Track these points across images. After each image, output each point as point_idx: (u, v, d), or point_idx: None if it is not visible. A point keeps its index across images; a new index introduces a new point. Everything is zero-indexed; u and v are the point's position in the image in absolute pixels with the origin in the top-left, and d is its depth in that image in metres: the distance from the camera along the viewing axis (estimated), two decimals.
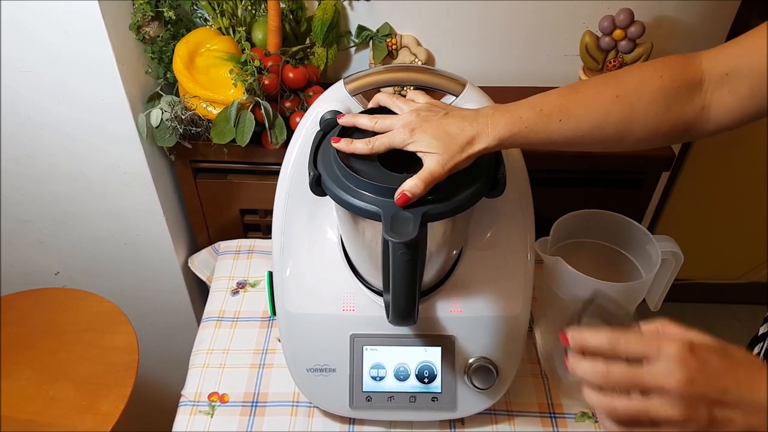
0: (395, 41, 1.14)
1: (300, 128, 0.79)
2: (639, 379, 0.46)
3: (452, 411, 0.84)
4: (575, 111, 0.62)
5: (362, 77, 0.76)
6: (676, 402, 0.45)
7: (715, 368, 0.45)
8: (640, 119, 0.62)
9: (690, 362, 0.45)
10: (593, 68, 1.10)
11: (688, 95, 0.61)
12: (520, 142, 0.63)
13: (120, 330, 1.06)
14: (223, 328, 1.03)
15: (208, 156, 1.09)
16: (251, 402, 0.92)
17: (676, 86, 0.61)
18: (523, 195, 0.80)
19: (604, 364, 0.47)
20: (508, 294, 0.81)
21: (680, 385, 0.44)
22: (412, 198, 0.59)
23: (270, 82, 1.02)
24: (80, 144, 1.03)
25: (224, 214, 1.20)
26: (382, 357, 0.82)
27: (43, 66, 0.94)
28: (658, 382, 0.45)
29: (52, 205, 1.13)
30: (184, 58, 1.02)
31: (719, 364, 0.45)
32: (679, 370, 0.44)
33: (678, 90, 0.61)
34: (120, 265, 1.24)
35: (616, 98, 0.62)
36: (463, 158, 0.61)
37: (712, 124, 0.62)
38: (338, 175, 0.64)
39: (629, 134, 0.63)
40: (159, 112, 1.02)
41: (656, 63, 0.63)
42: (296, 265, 0.82)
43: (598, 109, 0.62)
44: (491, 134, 0.61)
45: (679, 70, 0.62)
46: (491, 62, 1.20)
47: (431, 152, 0.61)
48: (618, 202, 1.13)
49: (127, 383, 0.98)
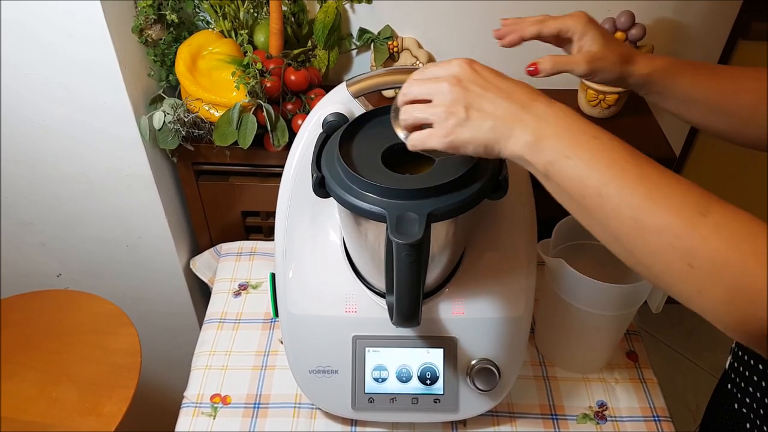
0: (396, 44, 1.14)
1: (302, 130, 0.79)
2: (428, 88, 0.55)
3: (454, 412, 0.84)
4: (721, 73, 0.66)
5: (365, 79, 0.76)
6: (443, 97, 0.54)
7: (485, 77, 0.55)
8: None
9: (465, 70, 0.54)
10: None
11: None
12: (666, 83, 0.65)
13: (122, 332, 1.06)
14: (225, 329, 1.03)
15: (210, 158, 1.09)
16: (253, 404, 0.92)
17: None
18: (525, 197, 0.80)
19: (410, 83, 0.57)
20: (510, 296, 0.81)
21: (450, 83, 0.54)
22: (541, 72, 0.65)
23: (272, 84, 1.02)
24: (83, 146, 1.04)
25: (226, 216, 1.20)
26: (385, 358, 0.82)
27: (46, 68, 0.94)
28: (439, 87, 0.54)
29: (54, 207, 1.14)
30: (187, 60, 1.03)
31: (491, 77, 0.55)
32: (454, 74, 0.54)
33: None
34: (122, 267, 1.24)
35: (755, 78, 0.64)
36: (613, 70, 0.65)
37: None
38: (342, 176, 0.64)
39: (760, 114, 0.64)
40: (161, 114, 1.02)
41: None
42: (299, 267, 0.82)
43: (740, 79, 0.65)
44: (646, 62, 0.65)
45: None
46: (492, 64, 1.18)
47: (589, 48, 0.66)
48: None
49: (129, 385, 0.98)
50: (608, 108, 1.12)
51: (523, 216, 0.81)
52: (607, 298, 0.84)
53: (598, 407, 0.92)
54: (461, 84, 0.54)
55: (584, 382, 0.95)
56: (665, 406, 0.91)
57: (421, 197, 0.61)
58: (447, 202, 0.61)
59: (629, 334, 1.01)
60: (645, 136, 1.12)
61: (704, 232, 0.44)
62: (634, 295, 0.85)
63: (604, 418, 0.90)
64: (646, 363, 0.98)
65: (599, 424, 0.90)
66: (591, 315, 0.86)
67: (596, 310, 0.86)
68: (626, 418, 0.90)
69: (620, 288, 0.82)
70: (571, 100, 1.18)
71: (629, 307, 0.87)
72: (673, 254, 0.45)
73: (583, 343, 0.93)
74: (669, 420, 0.90)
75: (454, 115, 0.53)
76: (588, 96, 1.12)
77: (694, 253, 0.44)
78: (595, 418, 0.90)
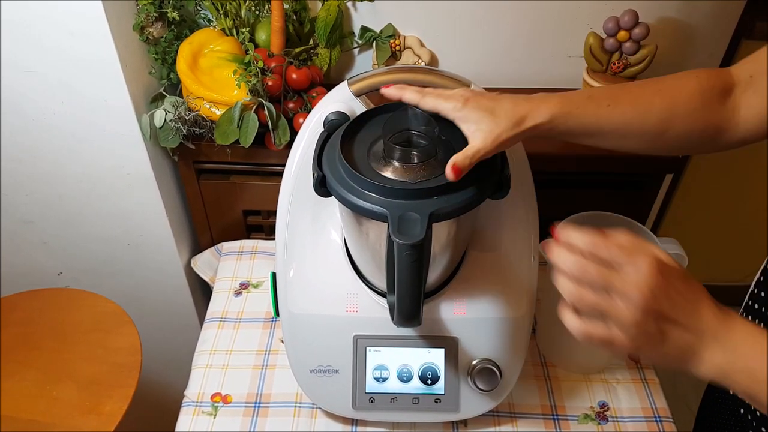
0: (399, 42, 1.14)
1: (304, 129, 0.79)
2: (610, 280, 0.50)
3: (455, 412, 0.83)
4: (622, 99, 0.66)
5: (367, 78, 0.76)
6: (633, 309, 0.49)
7: (676, 291, 0.50)
8: (680, 114, 0.65)
9: (657, 279, 0.49)
10: (597, 70, 1.10)
11: (720, 97, 0.65)
12: (570, 124, 0.64)
13: (123, 331, 1.06)
14: (225, 328, 1.03)
15: (212, 157, 1.09)
16: (254, 403, 0.92)
17: (710, 86, 0.65)
18: (527, 196, 0.80)
19: (584, 259, 0.51)
20: (511, 296, 0.81)
21: (643, 296, 0.49)
22: (461, 172, 0.60)
23: (273, 83, 1.02)
24: (84, 145, 1.04)
25: (227, 215, 1.20)
26: (385, 358, 0.82)
27: (47, 67, 0.94)
28: (625, 289, 0.49)
29: (55, 206, 1.13)
30: (188, 58, 1.02)
31: (681, 287, 0.51)
32: (645, 283, 0.49)
33: (712, 90, 0.65)
34: (123, 266, 1.24)
35: (659, 92, 0.66)
36: (514, 134, 0.62)
37: (741, 129, 0.65)
38: (343, 175, 0.64)
39: (669, 128, 0.65)
40: (162, 113, 1.02)
41: (692, 70, 0.67)
42: (300, 266, 0.82)
43: (642, 99, 0.66)
44: (543, 110, 0.63)
45: (713, 74, 0.66)
46: (495, 63, 1.20)
47: (480, 128, 0.62)
48: (622, 204, 1.13)
49: (130, 384, 0.98)
50: None
51: (526, 215, 0.80)
52: None
53: (600, 407, 0.91)
54: (652, 295, 0.49)
55: (585, 383, 0.95)
56: (667, 407, 0.91)
57: (423, 197, 0.61)
58: (449, 202, 0.61)
59: None
60: None
61: None
62: None
63: (606, 419, 0.90)
64: (647, 363, 0.97)
65: (600, 424, 0.89)
66: None
67: None
68: (627, 419, 0.90)
69: None
70: None
71: None
72: None
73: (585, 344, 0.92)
74: (671, 420, 0.90)
75: (644, 332, 0.50)
76: None
77: None
78: (597, 419, 0.90)
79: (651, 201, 1.14)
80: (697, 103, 0.65)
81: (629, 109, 0.65)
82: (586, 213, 0.90)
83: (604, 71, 1.10)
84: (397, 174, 0.64)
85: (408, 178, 0.63)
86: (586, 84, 1.12)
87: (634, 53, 1.06)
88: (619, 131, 0.66)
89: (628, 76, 1.08)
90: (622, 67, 1.07)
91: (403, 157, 0.64)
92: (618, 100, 0.66)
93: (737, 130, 0.65)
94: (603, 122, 0.65)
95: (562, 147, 1.09)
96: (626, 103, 0.65)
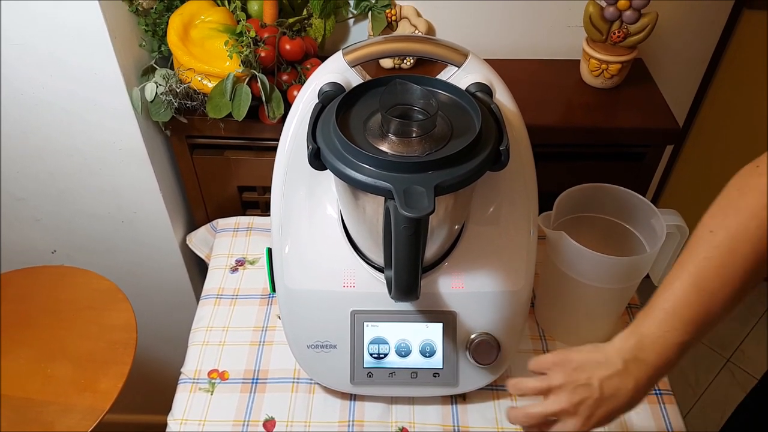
0: (395, 12, 1.11)
1: (298, 101, 0.77)
2: None
3: (454, 387, 0.83)
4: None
5: (362, 47, 0.74)
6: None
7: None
8: None
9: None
10: (597, 39, 1.08)
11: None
12: None
13: (118, 308, 1.05)
14: (222, 305, 1.02)
15: (204, 131, 1.07)
16: (251, 379, 0.91)
17: None
18: (526, 169, 0.78)
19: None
20: (510, 269, 0.80)
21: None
22: None
23: (266, 54, 0.99)
24: (75, 119, 1.02)
25: (222, 191, 1.18)
26: (383, 333, 0.81)
27: (36, 39, 0.92)
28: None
29: (47, 183, 1.12)
30: (179, 30, 1.00)
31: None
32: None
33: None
34: (117, 242, 1.23)
35: None
36: None
37: None
38: (340, 149, 0.62)
39: None
40: (153, 85, 0.99)
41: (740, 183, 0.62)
42: (295, 242, 0.81)
43: None
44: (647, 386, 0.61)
45: None
46: (493, 34, 1.18)
47: None
48: (622, 175, 1.12)
49: (125, 361, 0.97)
50: (611, 78, 1.10)
51: (524, 189, 0.79)
52: (609, 271, 0.83)
53: None
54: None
55: None
56: (666, 380, 0.91)
57: (425, 170, 0.60)
58: (452, 174, 0.60)
59: (631, 308, 1.00)
60: (648, 106, 1.10)
61: None
62: (635, 267, 0.84)
63: None
64: None
65: None
66: (592, 288, 0.85)
67: (597, 283, 0.85)
68: None
69: (621, 260, 0.81)
70: (573, 69, 1.16)
71: (631, 280, 0.85)
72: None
73: (584, 317, 0.92)
74: (671, 394, 0.89)
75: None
76: (591, 66, 1.10)
77: None
78: None
79: (651, 172, 1.13)
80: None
81: None
82: (586, 185, 0.89)
83: (604, 41, 1.08)
84: (394, 148, 0.63)
85: (405, 151, 0.62)
86: (586, 55, 1.10)
87: (635, 22, 1.04)
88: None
89: (628, 45, 1.06)
90: (622, 36, 1.05)
91: (402, 131, 0.63)
92: None
93: None
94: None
95: (561, 119, 1.07)
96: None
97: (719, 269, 0.58)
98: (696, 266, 0.59)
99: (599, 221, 0.92)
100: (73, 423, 0.90)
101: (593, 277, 0.84)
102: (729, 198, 0.60)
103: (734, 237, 0.57)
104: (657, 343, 0.59)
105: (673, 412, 0.88)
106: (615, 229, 0.92)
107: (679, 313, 0.58)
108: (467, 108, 0.68)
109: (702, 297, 0.58)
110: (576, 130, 1.06)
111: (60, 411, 0.92)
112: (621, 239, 0.91)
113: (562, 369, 0.62)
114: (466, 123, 0.66)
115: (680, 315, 0.58)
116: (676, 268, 0.60)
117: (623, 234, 0.91)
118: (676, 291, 0.59)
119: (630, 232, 0.91)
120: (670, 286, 0.60)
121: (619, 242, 0.91)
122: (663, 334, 0.59)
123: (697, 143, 1.51)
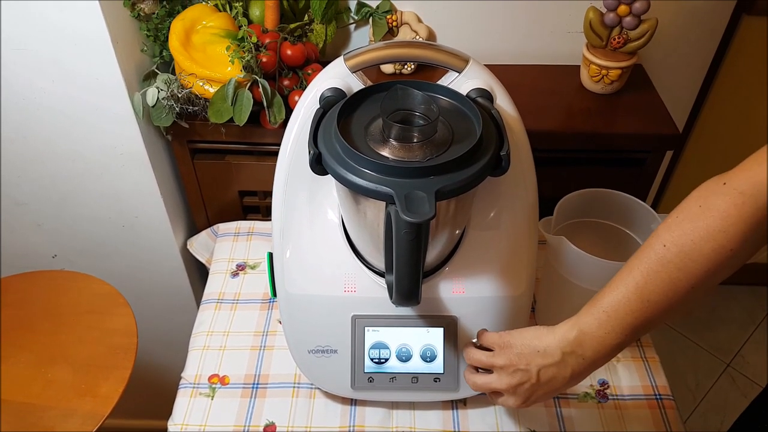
0: (395, 18, 1.12)
1: (299, 107, 0.77)
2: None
3: (455, 392, 0.83)
4: None
5: (363, 53, 0.74)
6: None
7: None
8: None
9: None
10: (597, 45, 1.08)
11: None
12: None
13: (119, 312, 1.05)
14: (223, 310, 1.02)
15: (206, 136, 1.07)
16: (252, 384, 0.91)
17: None
18: (526, 174, 0.79)
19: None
20: (511, 274, 0.80)
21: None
22: None
23: (268, 59, 1.00)
24: (76, 124, 1.02)
25: (223, 196, 1.18)
26: (384, 338, 0.81)
27: (38, 44, 0.92)
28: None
29: (49, 187, 1.12)
30: (180, 35, 1.00)
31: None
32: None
33: None
34: (118, 247, 1.23)
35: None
36: None
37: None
38: (341, 154, 0.62)
39: None
40: (155, 90, 1.00)
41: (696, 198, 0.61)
42: (297, 246, 0.81)
43: None
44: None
45: None
46: (493, 40, 1.18)
47: None
48: (622, 180, 1.12)
49: (126, 366, 0.97)
50: (611, 84, 1.10)
51: (525, 194, 0.79)
52: (609, 276, 0.82)
53: (600, 386, 0.91)
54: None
55: None
56: (667, 385, 0.91)
57: (426, 175, 0.60)
58: (453, 179, 0.60)
59: None
60: (648, 112, 1.10)
61: None
62: None
63: (606, 397, 0.90)
64: (647, 341, 0.97)
65: (601, 402, 0.89)
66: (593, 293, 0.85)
67: (598, 288, 0.83)
68: (628, 397, 0.90)
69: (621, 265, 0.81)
70: (573, 75, 1.16)
71: None
72: None
73: None
74: (671, 398, 0.89)
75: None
76: (591, 71, 1.10)
77: None
78: (597, 397, 0.90)
79: (651, 178, 1.13)
80: None
81: None
82: (586, 190, 0.89)
83: (604, 46, 1.08)
84: (396, 153, 0.63)
85: (406, 157, 0.62)
86: (587, 60, 1.10)
87: (635, 28, 1.04)
88: None
89: (628, 51, 1.07)
90: (622, 42, 1.06)
91: (403, 136, 0.63)
92: None
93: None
94: None
95: (561, 125, 1.07)
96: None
97: (667, 283, 0.59)
98: (643, 276, 0.60)
99: (600, 226, 0.93)
100: (73, 428, 0.90)
101: (594, 282, 0.84)
102: (689, 212, 0.59)
103: (687, 256, 0.57)
104: (596, 341, 0.63)
105: (674, 416, 0.88)
106: (615, 235, 0.92)
107: (621, 318, 0.61)
108: (468, 113, 0.68)
109: (645, 306, 0.60)
110: (576, 135, 1.07)
111: (60, 416, 0.92)
112: (621, 244, 0.91)
113: (504, 352, 0.68)
114: (467, 128, 0.66)
115: (621, 320, 0.61)
116: (624, 271, 0.62)
117: (624, 239, 0.91)
118: (620, 296, 0.61)
119: (630, 237, 0.91)
120: (615, 288, 0.62)
121: (619, 247, 0.91)
122: (603, 335, 0.62)
123: (696, 149, 1.51)
